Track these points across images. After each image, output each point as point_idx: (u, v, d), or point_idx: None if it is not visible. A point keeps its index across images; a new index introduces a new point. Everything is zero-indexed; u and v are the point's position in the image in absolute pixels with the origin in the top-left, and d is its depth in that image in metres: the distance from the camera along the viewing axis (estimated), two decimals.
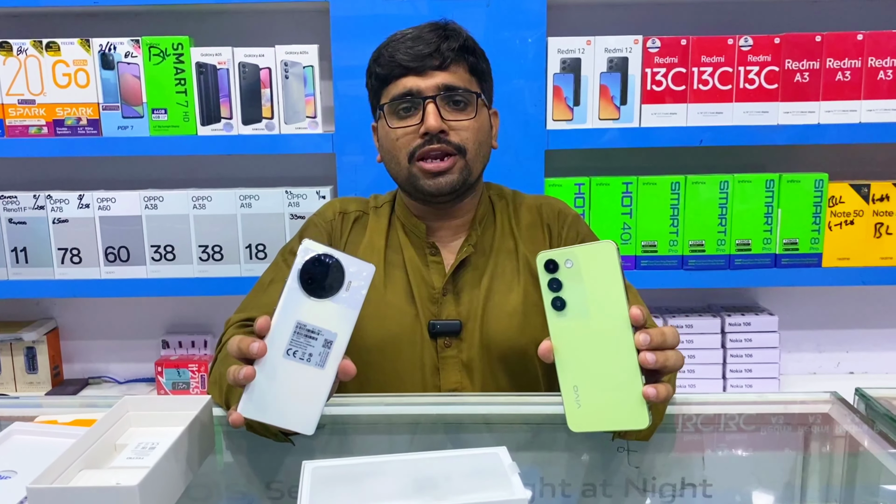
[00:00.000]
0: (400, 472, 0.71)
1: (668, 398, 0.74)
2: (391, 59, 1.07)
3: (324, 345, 0.74)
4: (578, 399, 0.75)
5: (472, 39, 1.11)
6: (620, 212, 1.70)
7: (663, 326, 0.77)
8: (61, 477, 0.70)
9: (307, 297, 0.74)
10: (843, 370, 2.00)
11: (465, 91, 1.07)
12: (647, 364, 0.73)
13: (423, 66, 1.06)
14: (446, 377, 1.10)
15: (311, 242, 0.75)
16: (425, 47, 1.06)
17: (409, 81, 1.06)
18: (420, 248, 1.14)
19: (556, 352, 0.76)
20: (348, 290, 0.75)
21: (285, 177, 1.86)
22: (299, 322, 0.74)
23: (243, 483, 0.90)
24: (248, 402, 0.74)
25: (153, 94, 1.67)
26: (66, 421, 0.89)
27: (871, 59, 1.64)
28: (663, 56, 1.64)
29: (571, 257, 0.74)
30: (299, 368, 0.74)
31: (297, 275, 0.74)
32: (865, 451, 0.90)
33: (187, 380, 1.87)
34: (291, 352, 0.74)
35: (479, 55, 1.12)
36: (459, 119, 1.07)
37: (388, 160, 1.12)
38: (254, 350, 0.73)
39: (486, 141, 1.12)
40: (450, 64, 1.07)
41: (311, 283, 0.74)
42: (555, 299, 0.75)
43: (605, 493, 0.88)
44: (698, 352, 1.81)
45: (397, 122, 1.08)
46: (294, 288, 0.74)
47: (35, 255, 1.73)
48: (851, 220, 1.71)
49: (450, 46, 1.06)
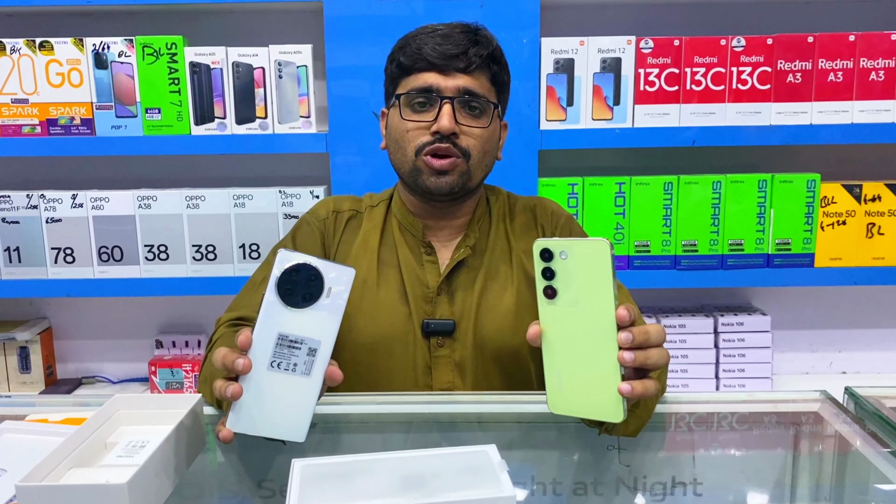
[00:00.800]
0: (389, 470, 0.71)
1: (645, 395, 0.75)
2: (417, 52, 1.06)
3: (308, 353, 0.74)
4: (561, 383, 0.77)
5: (500, 49, 1.11)
6: (613, 212, 1.70)
7: (649, 325, 0.77)
8: (51, 475, 0.70)
9: (287, 308, 0.73)
10: (835, 370, 2.00)
11: (483, 99, 1.07)
12: (625, 363, 0.74)
13: (447, 66, 1.05)
14: (438, 377, 1.10)
15: (286, 252, 0.73)
16: (454, 48, 1.05)
17: (430, 77, 1.06)
18: (415, 247, 1.15)
19: (544, 336, 0.78)
20: (329, 296, 0.74)
21: (279, 176, 1.86)
22: (281, 334, 0.73)
23: (234, 481, 0.90)
24: (237, 417, 0.73)
25: (147, 93, 1.67)
26: (57, 420, 0.89)
27: (863, 60, 1.65)
28: (656, 56, 1.65)
29: (567, 249, 0.75)
30: (285, 379, 0.74)
31: (274, 286, 0.72)
32: (854, 450, 0.90)
33: (181, 379, 1.87)
34: (276, 363, 0.73)
35: (504, 66, 1.12)
36: (472, 126, 1.07)
37: (393, 149, 1.12)
38: (238, 367, 0.73)
39: (491, 151, 1.12)
40: (474, 69, 1.06)
41: (290, 293, 0.73)
42: (546, 287, 0.77)
43: (596, 491, 0.88)
44: (691, 352, 1.82)
45: (411, 114, 1.08)
46: (272, 301, 0.72)
47: (28, 255, 1.73)
48: (844, 221, 1.72)
49: (478, 52, 1.06)
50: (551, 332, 0.77)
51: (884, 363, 1.99)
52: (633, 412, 0.90)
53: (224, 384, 0.74)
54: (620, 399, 0.74)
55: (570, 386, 0.77)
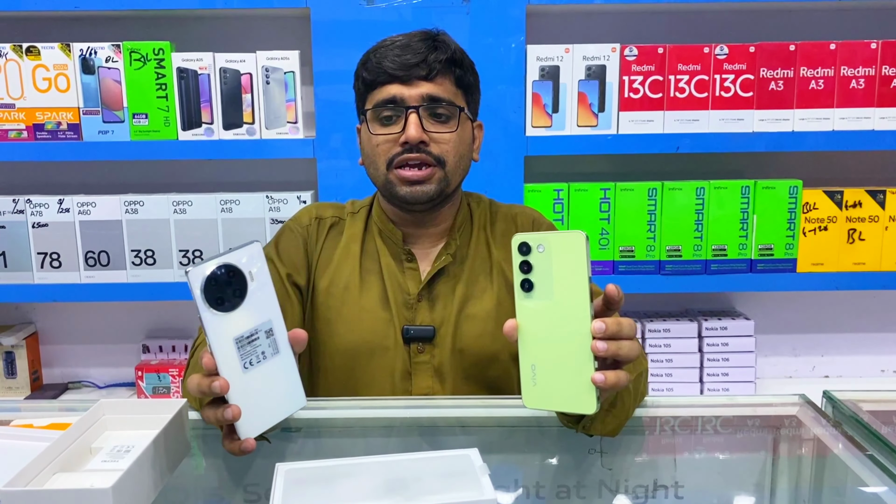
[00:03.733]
0: (371, 474, 0.72)
1: (617, 386, 0.75)
2: (378, 66, 1.07)
3: (266, 336, 0.74)
4: (535, 378, 0.78)
5: (461, 51, 1.11)
6: (598, 217, 1.72)
7: (622, 317, 0.78)
8: (35, 480, 0.70)
9: (226, 314, 0.72)
10: (818, 374, 2.02)
11: (448, 104, 1.07)
12: (598, 352, 0.74)
13: (408, 76, 1.06)
14: (418, 383, 1.11)
15: (192, 269, 0.71)
16: (413, 56, 1.06)
17: (393, 89, 1.07)
18: (396, 255, 1.15)
19: (520, 330, 0.79)
20: (253, 278, 0.73)
21: (266, 182, 1.86)
22: (236, 338, 0.73)
23: (219, 486, 0.91)
24: (247, 423, 0.73)
25: (134, 98, 1.67)
26: (42, 425, 0.89)
27: (844, 69, 1.67)
28: (640, 64, 1.67)
29: (543, 242, 0.76)
30: (262, 370, 0.74)
31: (205, 304, 0.71)
32: (832, 454, 0.92)
33: (168, 384, 1.87)
34: (246, 363, 0.73)
35: (467, 68, 1.12)
36: (441, 131, 1.07)
37: (368, 164, 1.13)
38: (217, 390, 0.72)
39: (466, 154, 1.12)
40: (436, 75, 1.07)
41: (222, 301, 0.72)
42: (524, 281, 0.78)
43: (579, 494, 0.89)
44: (675, 356, 1.83)
45: (379, 128, 1.09)
46: (211, 318, 0.71)
47: (14, 260, 1.72)
48: (825, 226, 1.74)
49: (437, 58, 1.06)
50: (527, 327, 0.78)
51: (865, 367, 2.01)
52: (609, 411, 0.91)
53: (218, 412, 0.74)
54: (594, 390, 0.75)
55: (544, 379, 0.78)
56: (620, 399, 0.91)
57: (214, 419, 0.75)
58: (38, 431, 0.87)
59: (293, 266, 1.14)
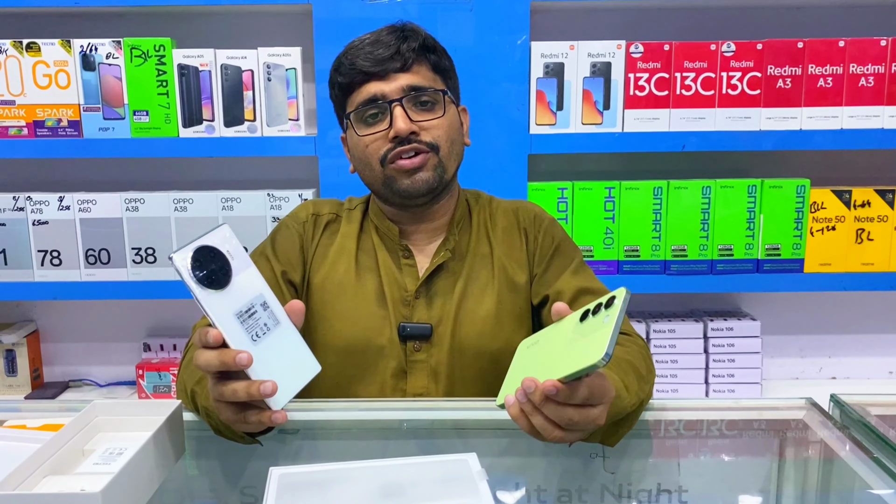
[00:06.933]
0: (367, 479, 0.71)
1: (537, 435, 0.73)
2: (352, 67, 1.06)
3: (263, 309, 0.76)
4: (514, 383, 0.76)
5: (431, 38, 1.10)
6: (603, 216, 1.70)
7: (596, 382, 0.72)
8: (25, 482, 0.69)
9: (218, 291, 0.74)
10: (825, 375, 2.00)
11: (431, 90, 1.06)
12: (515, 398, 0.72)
13: (384, 70, 1.05)
14: (413, 381, 1.09)
15: (176, 255, 0.73)
16: (385, 50, 1.05)
17: (372, 87, 1.05)
18: (393, 251, 1.14)
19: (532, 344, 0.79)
20: (234, 257, 0.76)
21: (267, 179, 1.85)
22: (236, 313, 0.74)
23: (213, 489, 0.89)
24: (276, 395, 0.74)
25: (135, 95, 1.66)
26: (35, 425, 0.88)
27: (853, 66, 1.65)
28: (646, 61, 1.65)
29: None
30: (270, 338, 0.76)
31: (198, 286, 0.73)
32: (839, 458, 0.90)
33: (168, 383, 1.86)
34: (254, 335, 0.75)
35: (441, 52, 1.11)
36: (428, 119, 1.06)
37: (360, 168, 1.11)
38: (243, 361, 0.71)
39: (458, 138, 1.11)
40: (412, 64, 1.06)
41: (215, 278, 0.74)
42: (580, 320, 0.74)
43: (581, 498, 0.88)
44: (681, 356, 1.81)
45: (366, 129, 1.07)
46: (205, 297, 0.73)
47: (15, 257, 1.72)
48: (833, 226, 1.72)
49: (409, 46, 1.06)
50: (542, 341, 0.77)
51: (873, 369, 1.99)
52: (615, 427, 0.90)
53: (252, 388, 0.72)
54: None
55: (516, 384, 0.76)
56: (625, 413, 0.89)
57: (246, 394, 0.72)
58: (30, 433, 0.86)
59: (288, 262, 1.13)
